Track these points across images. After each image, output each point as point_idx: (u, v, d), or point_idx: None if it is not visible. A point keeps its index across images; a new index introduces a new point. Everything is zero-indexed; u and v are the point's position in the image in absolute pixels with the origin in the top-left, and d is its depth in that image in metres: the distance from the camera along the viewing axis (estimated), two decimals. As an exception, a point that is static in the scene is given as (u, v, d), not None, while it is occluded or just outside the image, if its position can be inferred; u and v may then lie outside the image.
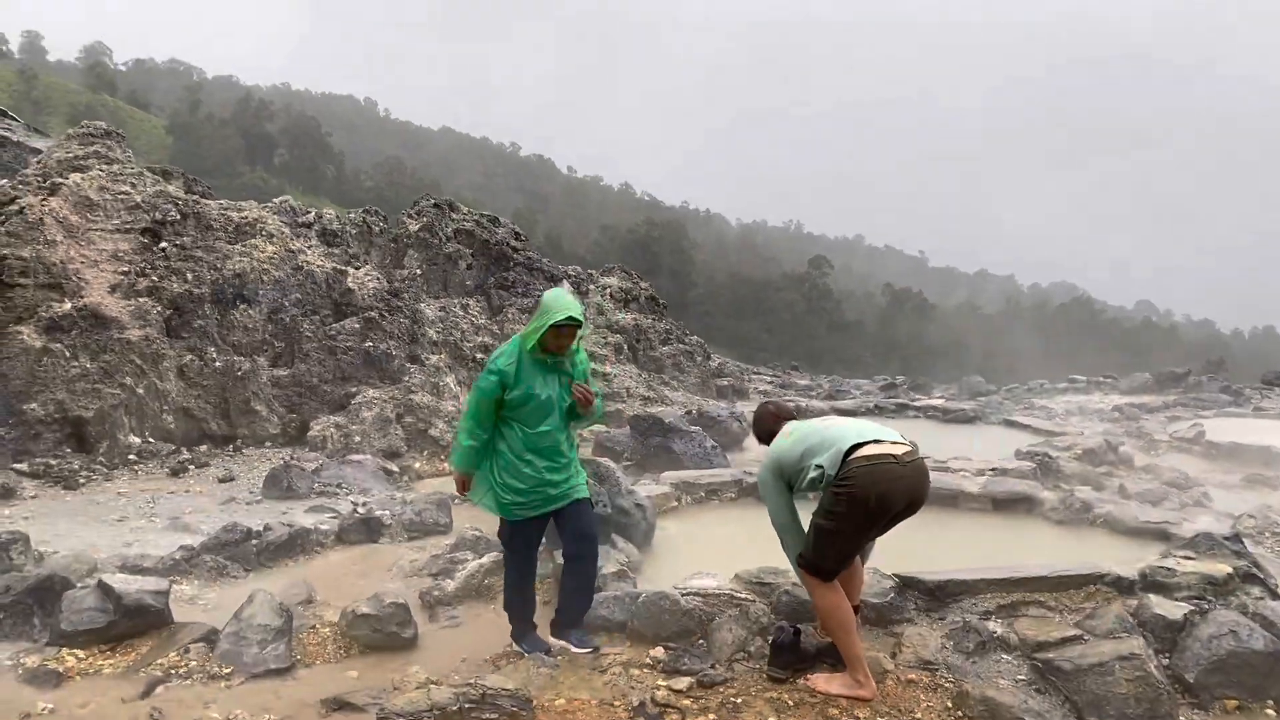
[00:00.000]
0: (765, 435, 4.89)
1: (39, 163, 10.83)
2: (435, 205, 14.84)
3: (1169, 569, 5.26)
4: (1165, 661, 4.68)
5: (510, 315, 14.16)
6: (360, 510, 8.37)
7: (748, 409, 15.19)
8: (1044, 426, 13.42)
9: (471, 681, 4.20)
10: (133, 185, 10.69)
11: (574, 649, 4.83)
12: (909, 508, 4.35)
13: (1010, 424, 13.64)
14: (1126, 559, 6.41)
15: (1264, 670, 4.54)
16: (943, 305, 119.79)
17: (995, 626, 4.87)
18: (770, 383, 20.71)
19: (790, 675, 4.50)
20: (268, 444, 10.32)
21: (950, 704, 4.31)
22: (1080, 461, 11.17)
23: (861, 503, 4.17)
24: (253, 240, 11.09)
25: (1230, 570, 5.30)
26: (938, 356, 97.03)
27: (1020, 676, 4.51)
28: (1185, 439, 15.04)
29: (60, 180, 10.18)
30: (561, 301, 4.67)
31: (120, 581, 5.35)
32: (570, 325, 4.66)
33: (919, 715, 4.22)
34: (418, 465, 10.36)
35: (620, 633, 5.17)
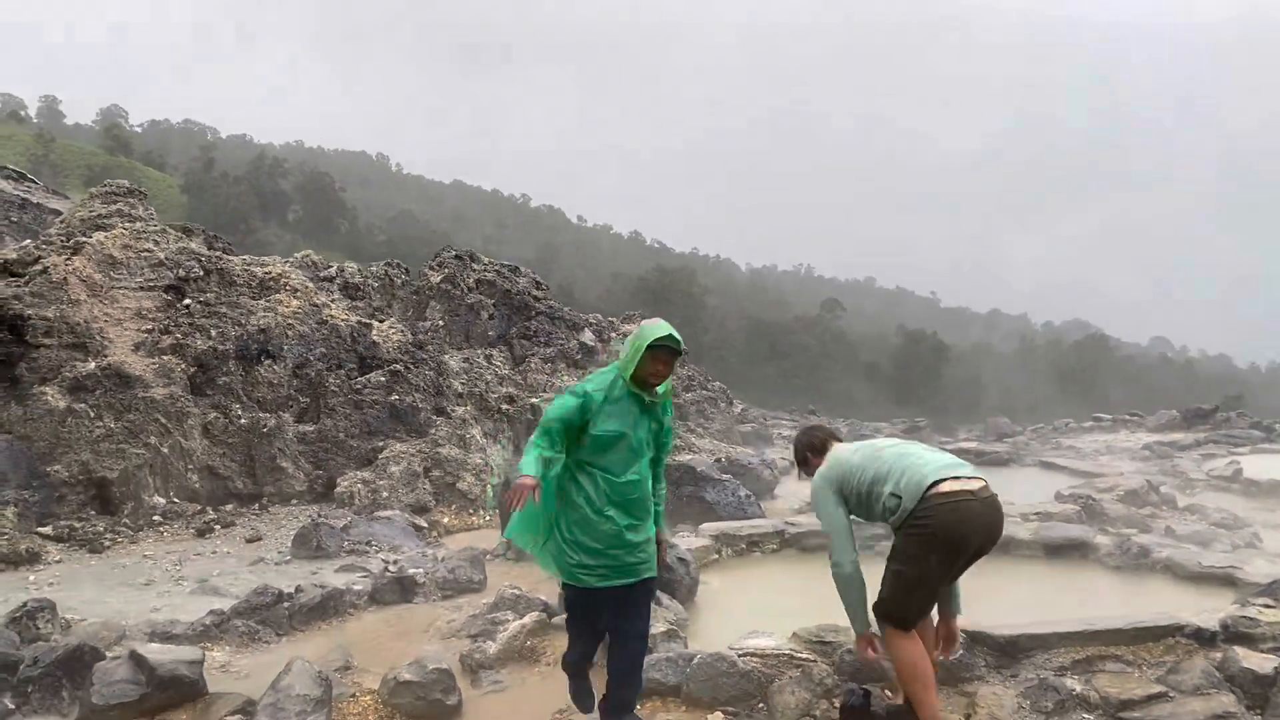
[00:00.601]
0: (815, 451, 4.64)
1: (62, 222, 10.81)
2: (456, 256, 14.78)
3: (1251, 619, 5.01)
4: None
5: (533, 365, 14.02)
6: (391, 569, 8.16)
7: (776, 455, 14.97)
8: (1081, 467, 13.15)
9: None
10: (155, 243, 10.64)
11: None
12: (984, 547, 4.16)
13: (1046, 465, 13.39)
14: (1196, 607, 6.16)
15: (1367, 730, 4.28)
16: (957, 346, 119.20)
17: (1073, 683, 4.63)
18: (792, 427, 20.47)
19: (860, 741, 4.27)
20: (294, 501, 10.14)
21: (1035, 769, 4.06)
22: (1123, 503, 10.89)
23: (942, 543, 3.99)
24: (277, 295, 11.00)
25: (1317, 619, 5.04)
26: (954, 397, 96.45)
27: (1106, 738, 4.26)
28: (1223, 477, 14.75)
29: (84, 239, 10.13)
30: (660, 325, 4.15)
31: (153, 652, 5.14)
32: (669, 350, 4.12)
33: (1003, 784, 3.98)
34: (446, 520, 10.16)
35: (674, 697, 4.93)
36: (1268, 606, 5.26)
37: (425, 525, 9.76)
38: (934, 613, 4.38)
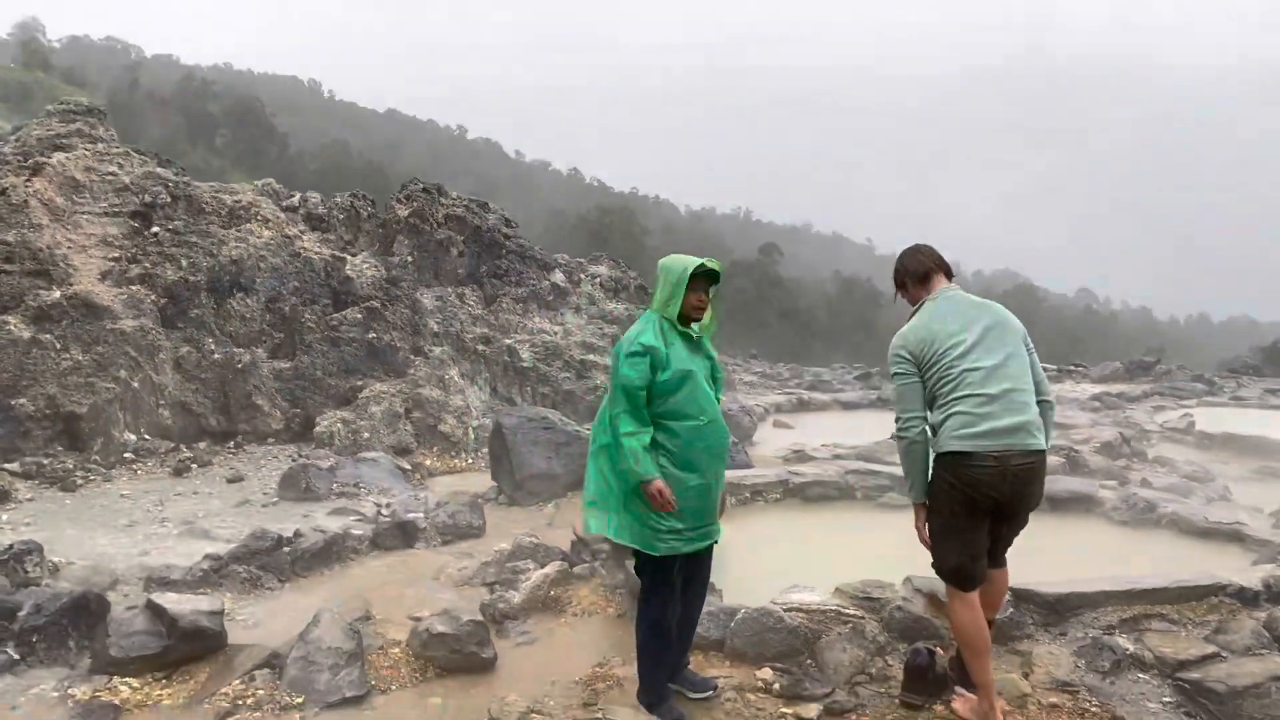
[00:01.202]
0: (915, 279, 4.13)
1: (17, 140, 10.15)
2: (425, 190, 14.30)
3: (1294, 579, 5.05)
4: (1309, 680, 4.45)
5: (505, 305, 13.70)
6: (384, 512, 7.95)
7: (745, 401, 14.91)
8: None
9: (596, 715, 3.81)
10: (119, 165, 10.06)
11: (691, 695, 4.22)
12: (1007, 507, 3.86)
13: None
14: (1216, 565, 6.25)
15: None
16: (891, 293, 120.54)
17: (1125, 642, 4.61)
18: (755, 374, 20.47)
19: (926, 702, 4.19)
20: (270, 440, 9.79)
21: (1103, 731, 4.04)
22: (1101, 455, 11.05)
23: (960, 498, 3.78)
24: (248, 225, 10.52)
25: (1356, 579, 5.10)
26: (886, 344, 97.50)
27: (1165, 699, 4.25)
28: (1177, 429, 15.04)
29: (43, 159, 9.53)
30: (688, 257, 3.90)
31: (171, 602, 4.88)
32: (709, 278, 3.90)
33: (1073, 746, 3.95)
34: (429, 462, 9.93)
35: (717, 651, 4.81)
36: (1300, 566, 5.31)
37: (409, 467, 9.52)
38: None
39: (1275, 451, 12.62)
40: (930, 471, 3.94)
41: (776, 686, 4.45)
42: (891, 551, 6.46)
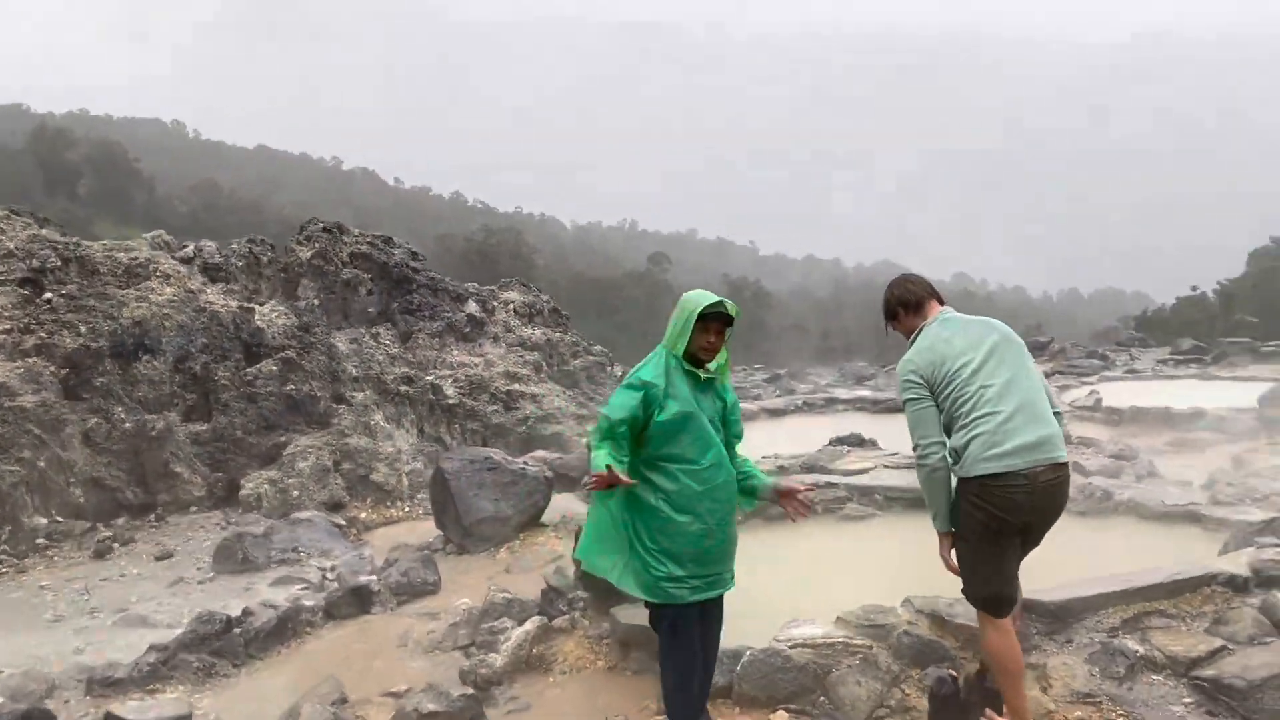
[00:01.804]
0: (907, 308, 4.08)
1: (-118, 211, 9.38)
2: (326, 229, 13.82)
3: (1278, 561, 5.11)
4: (1314, 664, 4.48)
5: (421, 341, 13.31)
6: (330, 576, 7.54)
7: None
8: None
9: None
10: (1, 230, 9.38)
11: None
12: (1036, 524, 3.83)
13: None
14: (1179, 548, 6.35)
15: None
16: (778, 292, 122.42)
17: (1134, 644, 4.58)
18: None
19: (955, 731, 4.08)
20: (194, 509, 9.23)
21: (1137, 741, 3.98)
22: (1032, 443, 11.23)
23: (988, 521, 3.70)
24: (147, 283, 9.93)
25: (1334, 555, 5.20)
26: (779, 342, 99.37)
27: (1186, 700, 4.23)
28: (1086, 407, 15.49)
29: (-84, 230, 8.82)
30: (704, 292, 3.77)
31: (134, 711, 4.47)
32: (722, 318, 3.73)
33: (1111, 758, 3.88)
34: (364, 515, 9.52)
35: (724, 698, 4.62)
36: (1277, 546, 5.40)
37: (343, 523, 9.10)
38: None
39: (1182, 422, 13.02)
40: (954, 497, 3.84)
41: (796, 730, 4.30)
42: (875, 568, 6.40)
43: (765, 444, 11.70)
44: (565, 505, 9.13)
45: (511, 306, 15.67)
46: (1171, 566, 5.17)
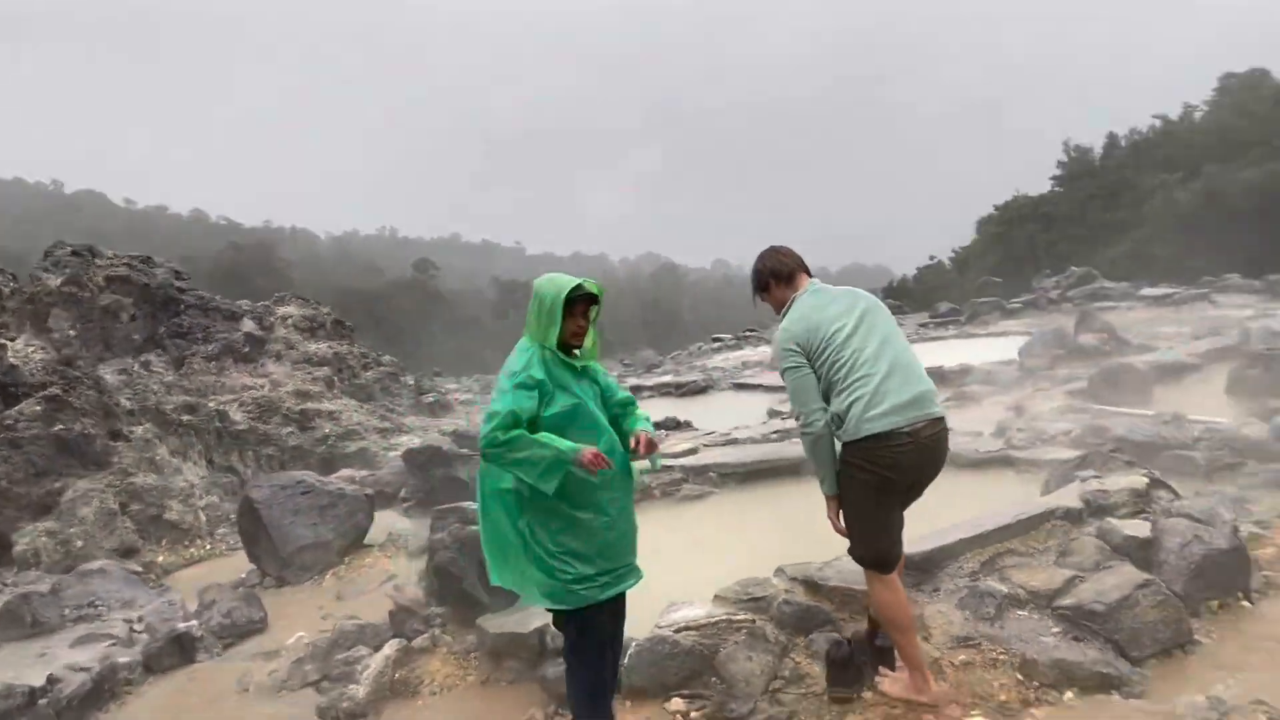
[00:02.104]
0: (778, 279, 4.07)
1: None
2: (75, 253, 12.57)
3: (1105, 490, 5.47)
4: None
5: (196, 365, 12.34)
6: (138, 628, 6.82)
7: (473, 422, 14.42)
8: (770, 384, 13.93)
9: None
10: None
11: None
12: (920, 482, 3.95)
13: (740, 386, 14.04)
14: (1003, 490, 6.72)
15: (1231, 566, 4.80)
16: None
17: (995, 584, 4.77)
18: (469, 392, 19.95)
19: (855, 692, 4.10)
20: (-44, 575, 8.10)
21: (1021, 677, 4.14)
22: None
23: (875, 485, 3.77)
24: (-128, 326, 8.65)
25: (1147, 481, 5.62)
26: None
27: (1054, 629, 4.44)
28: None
29: None
30: (562, 276, 3.61)
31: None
32: (586, 299, 3.58)
33: (1003, 697, 4.01)
34: (162, 558, 8.70)
35: (614, 694, 4.47)
36: (1096, 478, 5.79)
37: (140, 569, 8.27)
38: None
39: (955, 378, 13.85)
40: (838, 462, 3.85)
41: (695, 715, 4.20)
42: (730, 543, 6.40)
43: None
44: (389, 523, 8.69)
45: (291, 321, 14.80)
46: (1014, 507, 5.44)
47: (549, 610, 3.69)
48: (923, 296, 45.44)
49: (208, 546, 9.06)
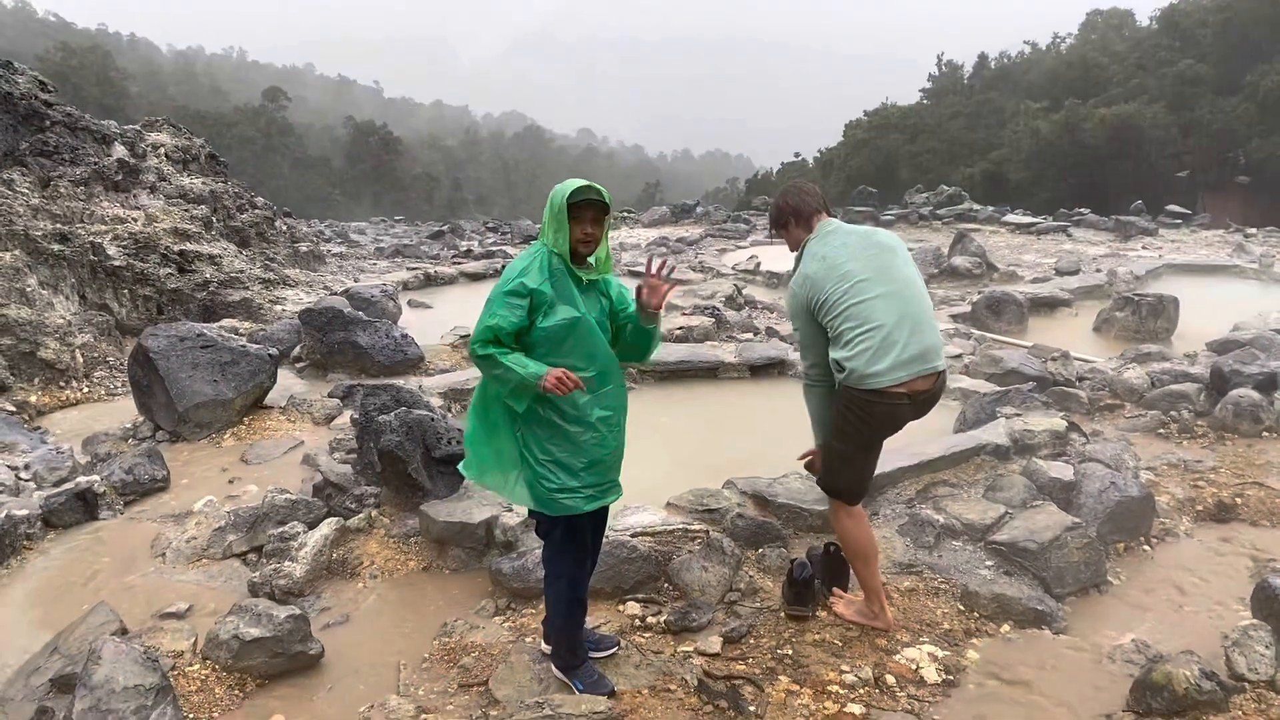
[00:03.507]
0: (799, 220, 4.06)
1: None
2: (-75, 47, 11.26)
3: (1030, 431, 5.79)
4: (1071, 521, 5.16)
5: (64, 190, 11.39)
6: (24, 476, 6.43)
7: (362, 282, 13.95)
8: (673, 277, 13.94)
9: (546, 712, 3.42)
10: None
11: (595, 655, 3.91)
12: (920, 417, 4.09)
13: (636, 274, 13.99)
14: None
15: (1138, 512, 5.21)
16: (407, 138, 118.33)
17: (931, 513, 5.04)
18: (340, 244, 19.18)
19: (811, 612, 4.29)
20: None
21: (962, 607, 4.41)
22: (731, 309, 11.86)
23: (873, 431, 3.92)
24: None
25: (1066, 424, 5.98)
26: (410, 191, 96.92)
27: (988, 563, 4.73)
28: (748, 270, 16.60)
29: None
30: (573, 181, 3.46)
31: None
32: (595, 205, 3.41)
33: (947, 626, 4.27)
34: (34, 398, 8.19)
35: (571, 594, 4.54)
36: (1019, 416, 6.12)
37: (12, 409, 7.78)
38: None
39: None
40: (839, 402, 3.93)
41: (653, 621, 4.31)
42: (658, 443, 6.48)
43: (474, 315, 11.32)
44: (286, 384, 8.39)
45: (163, 150, 13.82)
46: (945, 439, 5.72)
47: (533, 515, 3.69)
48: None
49: (85, 389, 8.56)
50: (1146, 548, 5.17)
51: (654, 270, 3.56)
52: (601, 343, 3.55)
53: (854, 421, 3.86)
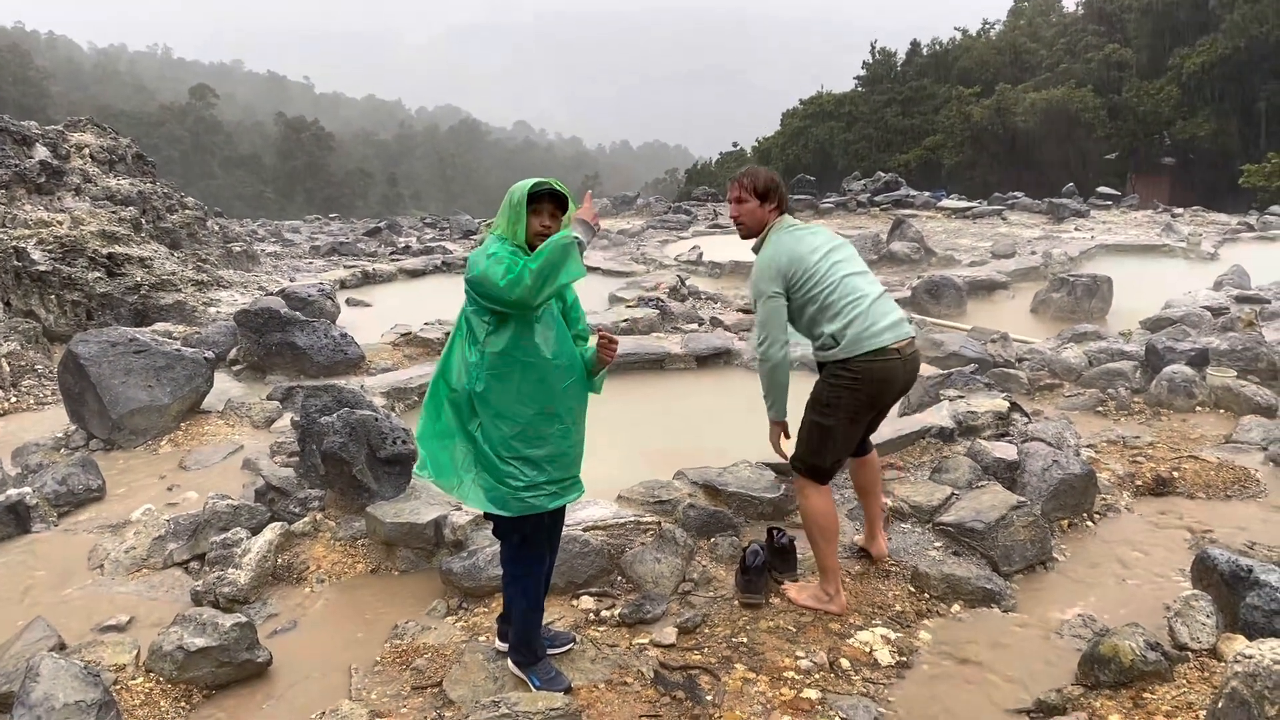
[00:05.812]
0: (766, 200, 4.19)
1: None
2: None
3: (974, 412, 5.86)
4: (1015, 500, 5.24)
5: (-17, 195, 11.06)
6: (-47, 488, 6.21)
7: (298, 282, 13.70)
8: (611, 267, 13.94)
9: (506, 711, 3.38)
10: None
11: (551, 651, 3.86)
12: (895, 400, 4.32)
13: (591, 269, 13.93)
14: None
15: (1080, 489, 5.29)
16: (340, 134, 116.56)
17: (882, 499, 5.06)
18: (274, 243, 18.84)
19: (765, 599, 4.30)
20: None
21: (913, 589, 4.45)
22: (674, 300, 11.86)
23: (865, 399, 4.03)
24: None
25: (1008, 405, 6.06)
26: (343, 187, 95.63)
27: (937, 544, 4.79)
28: (690, 261, 16.62)
29: None
30: (530, 179, 3.44)
31: None
32: (553, 198, 3.38)
33: (899, 607, 4.31)
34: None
35: (523, 592, 4.49)
36: (962, 398, 6.19)
37: (-66, 419, 7.53)
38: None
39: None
40: (828, 377, 4.06)
41: (607, 614, 4.29)
42: (607, 436, 6.42)
43: (414, 308, 11.15)
44: (222, 388, 8.21)
45: (88, 151, 13.44)
46: (892, 423, 5.75)
47: (490, 517, 3.63)
48: (724, 182, 46.30)
49: (13, 399, 8.31)
50: (1090, 524, 5.25)
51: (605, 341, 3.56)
52: (566, 335, 3.52)
53: (844, 392, 3.98)
